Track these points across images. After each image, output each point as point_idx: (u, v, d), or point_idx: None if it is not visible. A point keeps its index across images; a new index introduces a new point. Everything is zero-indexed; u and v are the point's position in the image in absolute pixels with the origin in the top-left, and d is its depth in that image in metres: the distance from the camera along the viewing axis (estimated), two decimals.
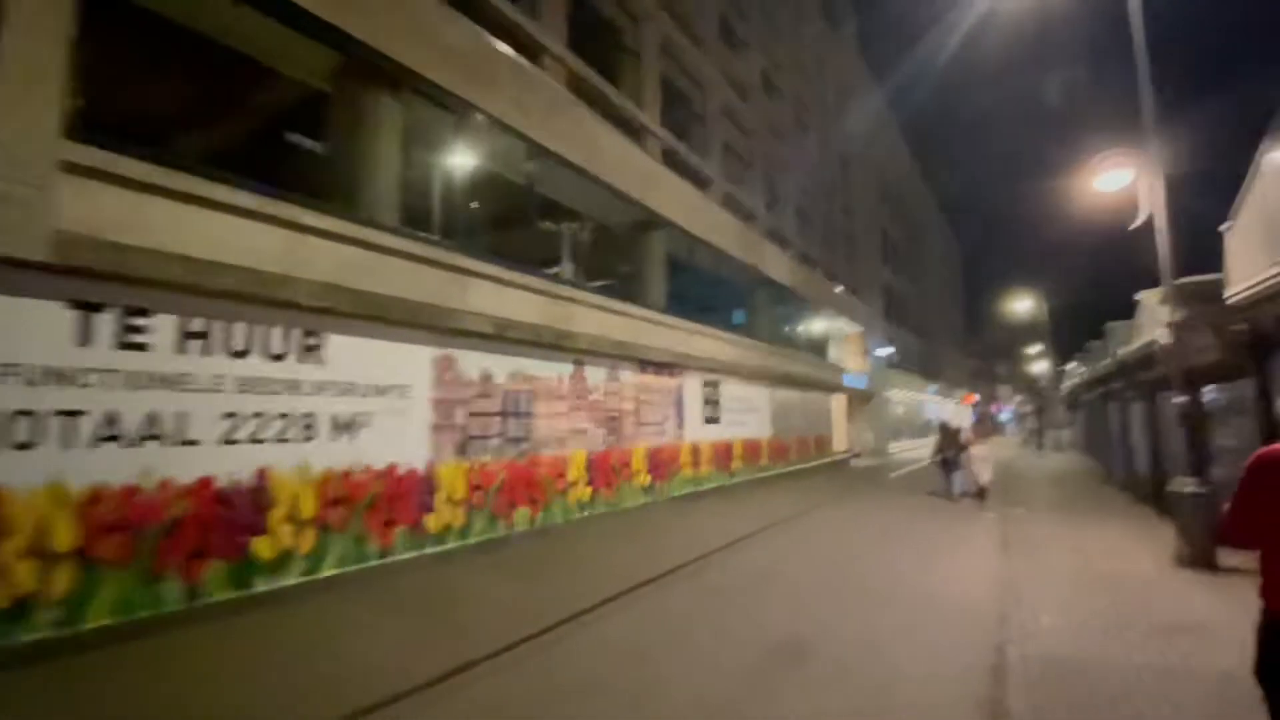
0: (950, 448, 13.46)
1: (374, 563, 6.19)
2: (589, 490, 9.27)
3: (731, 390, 14.24)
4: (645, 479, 10.66)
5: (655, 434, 11.13)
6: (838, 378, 22.43)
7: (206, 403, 5.07)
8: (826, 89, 26.27)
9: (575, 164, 9.53)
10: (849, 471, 20.12)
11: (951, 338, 58.74)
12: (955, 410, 56.00)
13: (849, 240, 28.18)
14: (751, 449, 14.91)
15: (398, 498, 6.48)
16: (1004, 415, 72.60)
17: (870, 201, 31.46)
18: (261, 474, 5.37)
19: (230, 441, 5.20)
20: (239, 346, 5.34)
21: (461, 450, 7.31)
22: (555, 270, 10.19)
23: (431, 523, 6.83)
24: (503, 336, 7.83)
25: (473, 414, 7.48)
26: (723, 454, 13.51)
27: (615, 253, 12.47)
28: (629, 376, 10.56)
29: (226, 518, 5.08)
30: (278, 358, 5.63)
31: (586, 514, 9.19)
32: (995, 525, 10.19)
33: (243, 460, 5.26)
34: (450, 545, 7.03)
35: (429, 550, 6.76)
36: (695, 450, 12.41)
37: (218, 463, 5.10)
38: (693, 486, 12.14)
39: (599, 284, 11.14)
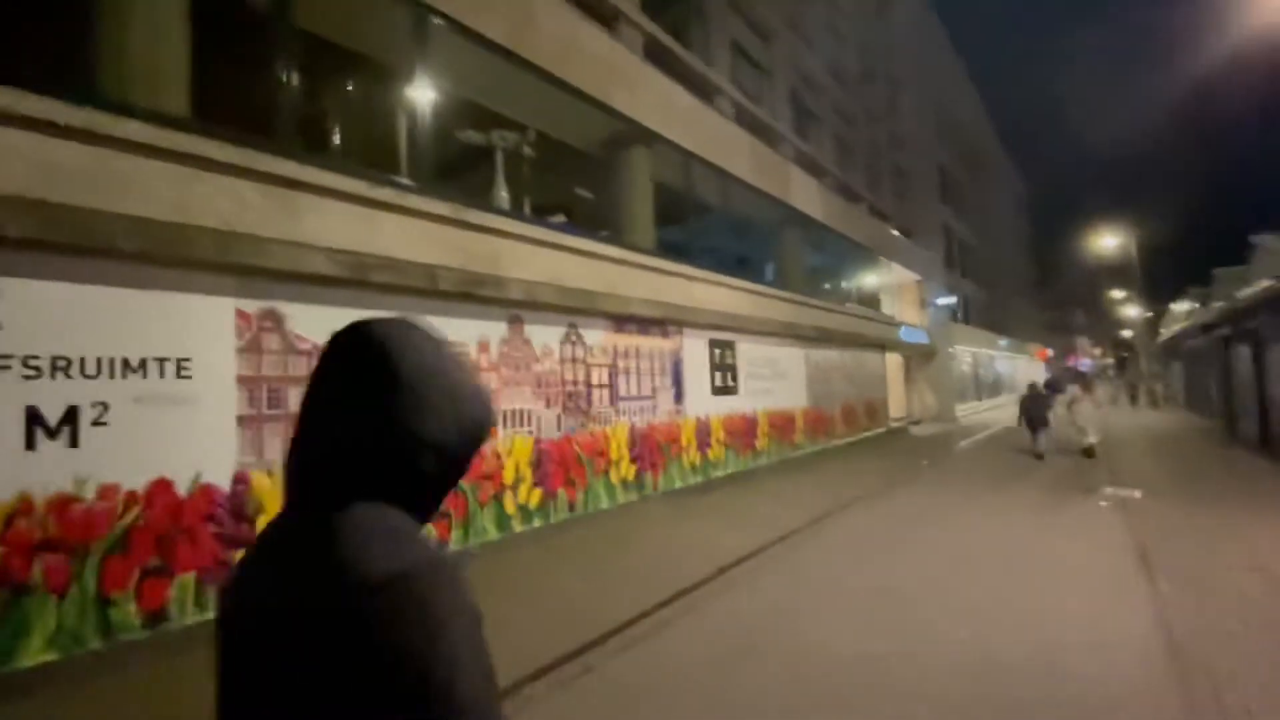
0: (1037, 406, 12.68)
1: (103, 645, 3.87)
2: (537, 493, 6.78)
3: (752, 351, 11.41)
4: (627, 470, 8.10)
5: (642, 410, 8.51)
6: (892, 333, 19.12)
7: None
8: None
9: (498, 44, 6.86)
10: (908, 442, 16.98)
11: (1021, 287, 53.26)
12: (1027, 366, 51.01)
13: (900, 175, 24.39)
14: (781, 423, 12.09)
15: (173, 531, 4.14)
16: (1082, 368, 66.34)
17: (925, 133, 27.32)
18: None
19: None
20: None
21: None
22: (501, 201, 7.55)
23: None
24: (365, 282, 5.34)
25: None
26: (742, 431, 10.77)
27: (582, 178, 9.78)
28: (599, 337, 7.94)
29: None
30: None
31: (535, 525, 6.72)
32: (1115, 521, 7.22)
33: None
34: None
35: None
36: (702, 428, 9.73)
37: None
38: (699, 476, 9.50)
39: (561, 221, 8.47)
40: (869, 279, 19.30)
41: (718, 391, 10.28)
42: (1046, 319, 67.63)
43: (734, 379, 10.78)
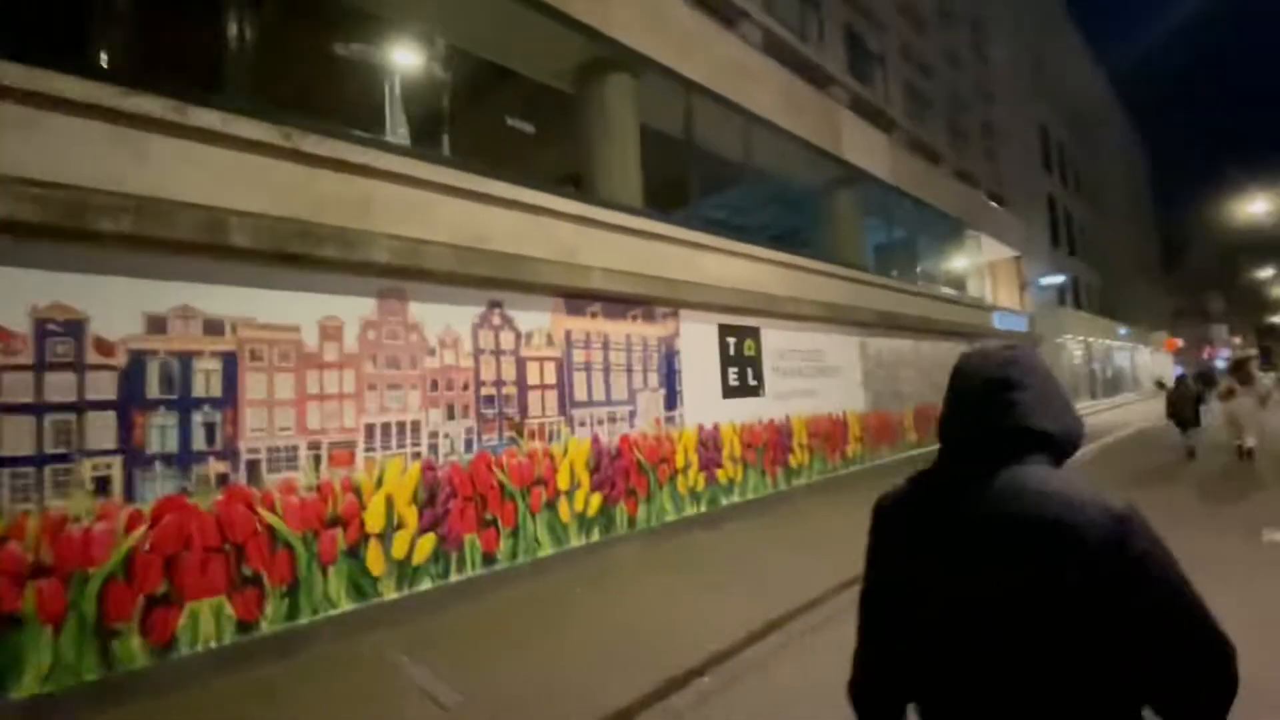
0: (1186, 405, 11.26)
1: None
2: (425, 542, 4.73)
3: (784, 340, 8.91)
4: (586, 501, 5.92)
5: (613, 420, 6.31)
6: (983, 319, 15.79)
7: None
8: None
9: None
10: None
11: (1144, 268, 46.41)
12: (1153, 359, 44.35)
13: (990, 133, 20.70)
14: (827, 431, 9.48)
15: None
16: (1219, 361, 57.67)
17: (1022, 88, 23.29)
18: None
19: None
20: None
21: None
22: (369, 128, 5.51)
23: None
24: (87, 232, 3.47)
25: None
26: (769, 444, 8.31)
27: (540, 113, 7.69)
28: (541, 320, 5.81)
29: None
30: None
31: (419, 589, 4.68)
32: None
33: None
34: None
35: None
36: (708, 442, 7.39)
37: None
38: (700, 505, 7.16)
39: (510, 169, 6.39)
40: (952, 255, 16.05)
41: (733, 393, 7.88)
42: (1174, 304, 59.20)
43: (757, 376, 8.33)
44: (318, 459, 4.26)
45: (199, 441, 3.82)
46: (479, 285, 5.30)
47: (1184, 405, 11.24)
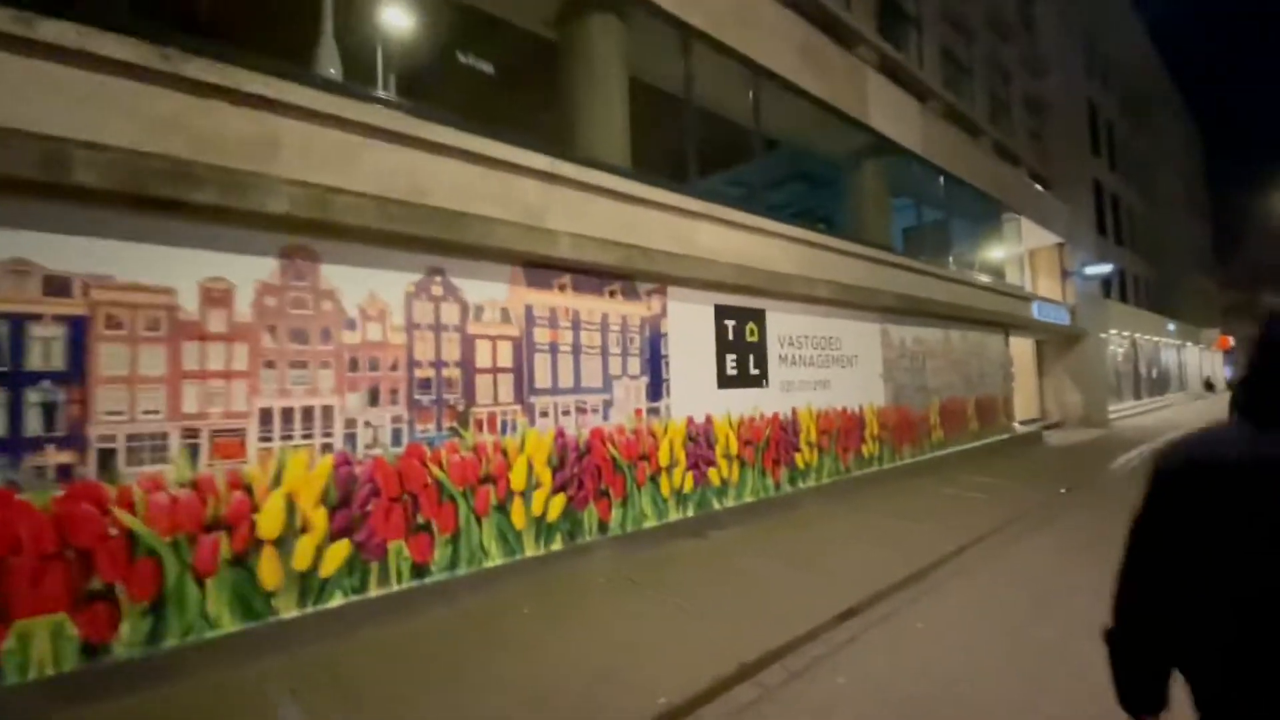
0: None
1: None
2: (342, 547, 3.98)
3: (792, 325, 7.97)
4: (546, 503, 5.12)
5: (584, 410, 5.48)
6: (1021, 309, 14.51)
7: None
8: None
9: None
10: (1040, 455, 12.54)
11: (1196, 260, 43.78)
12: (1202, 357, 41.91)
13: (1036, 110, 19.15)
14: (841, 427, 8.52)
15: None
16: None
17: (1070, 59, 21.55)
18: None
19: None
20: None
21: None
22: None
23: None
24: None
25: None
26: (772, 440, 7.41)
27: (514, 62, 6.85)
28: (495, 292, 5.00)
29: None
30: None
31: (329, 604, 3.94)
32: None
33: None
34: None
35: None
36: (699, 437, 6.52)
37: None
38: (687, 509, 6.31)
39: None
40: (989, 239, 14.77)
41: (730, 382, 6.99)
42: (1228, 299, 55.96)
43: (760, 364, 7.41)
44: (195, 449, 3.52)
45: (34, 426, 3.11)
46: (416, 248, 4.50)
47: None
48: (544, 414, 5.16)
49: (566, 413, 5.33)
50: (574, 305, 5.48)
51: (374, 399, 4.23)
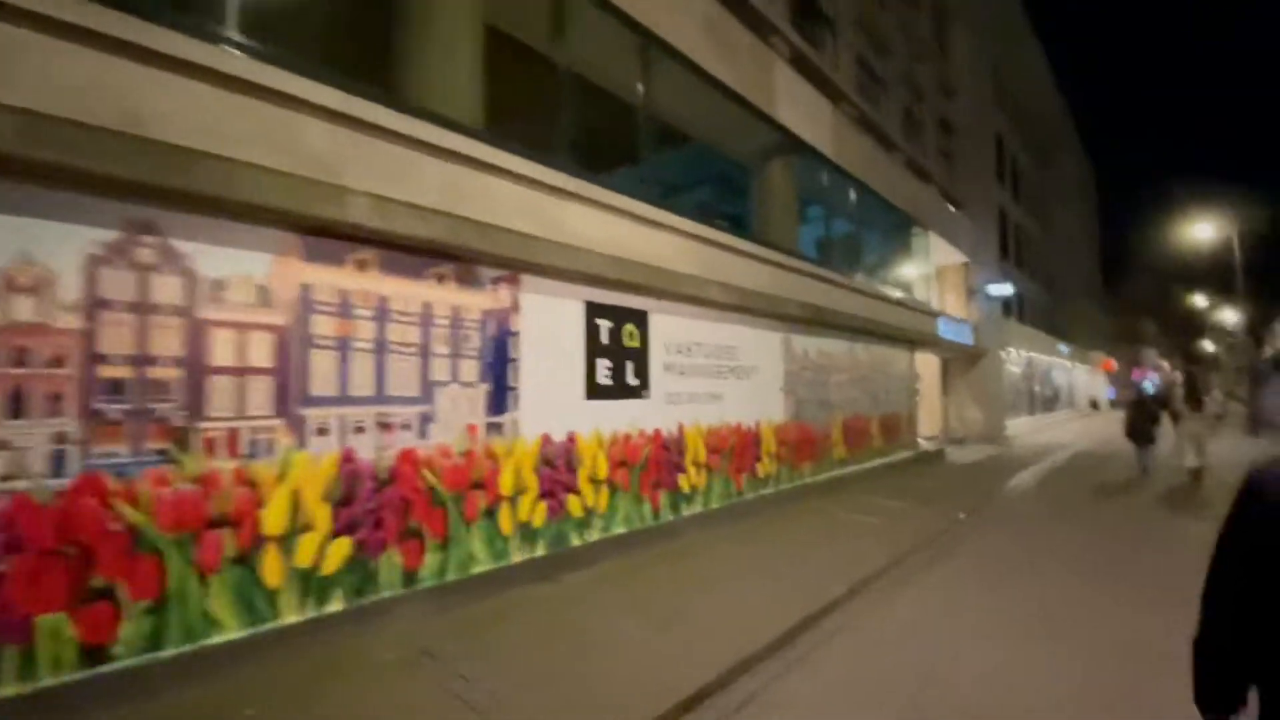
0: (1145, 420, 11.30)
1: None
2: None
3: (681, 329, 7.03)
4: (326, 553, 3.86)
5: (389, 426, 4.26)
6: (927, 324, 14.34)
7: None
8: None
9: None
10: (941, 474, 12.25)
11: (1085, 288, 47.10)
12: (1088, 377, 45.04)
13: (947, 131, 19.45)
14: (732, 445, 7.65)
15: None
16: (1147, 384, 59.64)
17: (980, 87, 22.20)
18: None
19: None
20: None
21: None
22: None
23: None
24: None
25: None
26: (651, 461, 6.40)
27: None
28: (252, 264, 3.71)
29: None
30: None
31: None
32: None
33: None
34: None
35: None
36: (557, 458, 5.41)
37: None
38: (538, 548, 5.19)
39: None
40: (898, 253, 14.57)
41: (602, 393, 5.93)
42: (1112, 326, 60.79)
43: (640, 373, 6.40)
44: None
45: None
46: (110, 191, 3.16)
47: (1141, 422, 11.33)
48: (322, 431, 3.90)
49: (360, 429, 4.08)
50: (380, 289, 4.26)
51: (15, 409, 2.86)
